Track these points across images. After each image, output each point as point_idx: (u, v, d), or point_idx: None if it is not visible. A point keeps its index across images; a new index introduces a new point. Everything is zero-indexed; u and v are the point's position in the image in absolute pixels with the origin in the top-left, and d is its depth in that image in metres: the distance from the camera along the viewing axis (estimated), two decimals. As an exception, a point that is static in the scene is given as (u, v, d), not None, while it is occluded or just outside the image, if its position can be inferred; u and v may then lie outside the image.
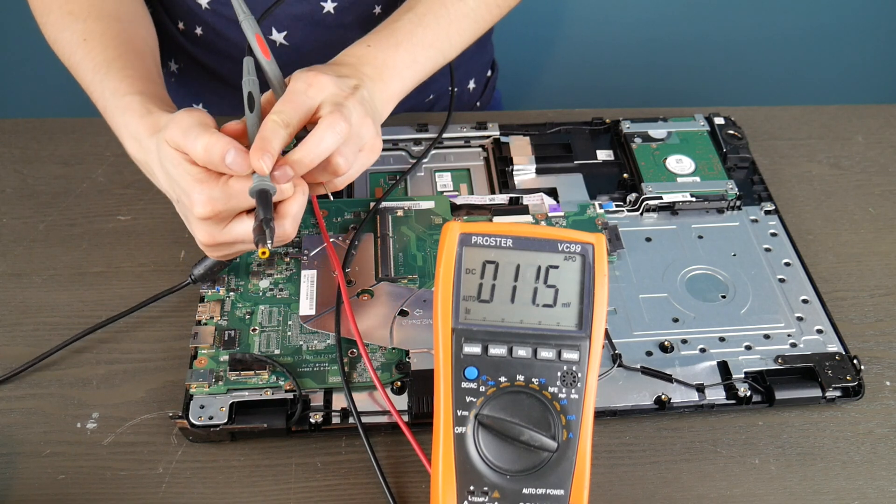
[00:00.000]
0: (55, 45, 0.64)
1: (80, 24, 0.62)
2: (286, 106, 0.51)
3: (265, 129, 0.50)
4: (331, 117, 0.51)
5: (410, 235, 0.63)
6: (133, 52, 0.61)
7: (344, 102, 0.52)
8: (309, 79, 0.53)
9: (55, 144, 0.74)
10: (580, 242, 0.47)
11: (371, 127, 0.54)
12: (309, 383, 0.54)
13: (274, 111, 0.51)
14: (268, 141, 0.49)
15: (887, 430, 0.55)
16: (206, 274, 0.59)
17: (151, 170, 0.55)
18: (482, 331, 0.46)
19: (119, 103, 0.57)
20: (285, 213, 0.52)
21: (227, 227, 0.52)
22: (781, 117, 0.79)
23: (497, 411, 0.45)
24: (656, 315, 0.60)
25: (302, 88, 0.52)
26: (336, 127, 0.51)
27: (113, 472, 0.52)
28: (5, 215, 0.68)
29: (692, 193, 0.67)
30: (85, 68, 0.60)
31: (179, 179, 0.50)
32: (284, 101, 0.52)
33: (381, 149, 0.56)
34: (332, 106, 0.52)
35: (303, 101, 0.52)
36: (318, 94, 0.52)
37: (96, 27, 0.62)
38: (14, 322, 0.60)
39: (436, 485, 0.45)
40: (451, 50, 0.65)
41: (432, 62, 0.63)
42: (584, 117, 0.75)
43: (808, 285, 0.62)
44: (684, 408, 0.55)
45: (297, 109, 0.51)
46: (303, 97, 0.52)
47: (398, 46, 0.60)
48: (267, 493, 0.51)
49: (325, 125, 0.51)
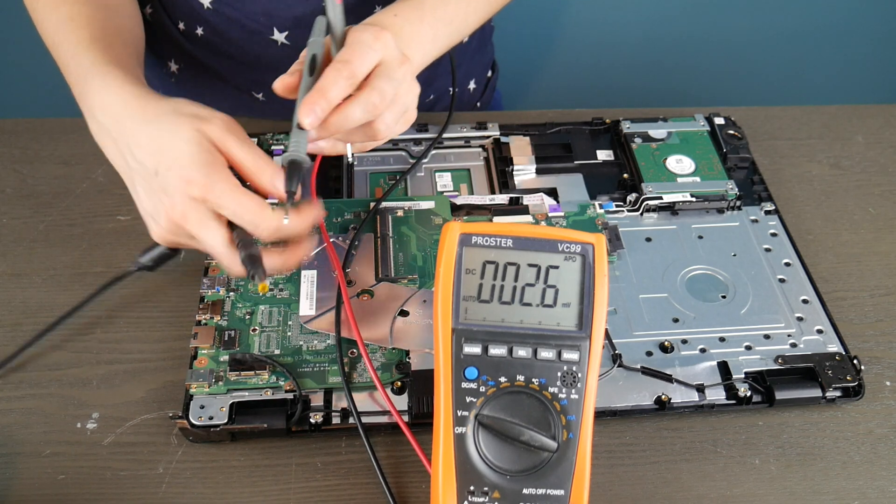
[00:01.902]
0: (42, 26, 0.62)
1: (67, 7, 0.61)
2: (353, 55, 0.49)
3: (327, 77, 0.47)
4: (385, 83, 0.49)
5: (410, 235, 0.63)
6: (118, 39, 0.61)
7: (398, 68, 0.51)
8: (375, 32, 0.51)
9: (55, 144, 0.74)
10: (580, 242, 0.47)
11: (416, 95, 0.53)
12: (309, 383, 0.54)
13: (339, 60, 0.49)
14: (325, 92, 0.47)
15: (887, 430, 0.55)
16: (153, 263, 0.56)
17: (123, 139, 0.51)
18: (482, 331, 0.46)
19: (99, 70, 0.55)
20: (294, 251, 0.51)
21: None
22: (781, 117, 0.79)
23: (497, 411, 0.45)
24: (656, 315, 0.60)
25: (368, 41, 0.50)
26: (387, 95, 0.49)
27: (113, 472, 0.52)
28: (5, 215, 0.68)
29: (692, 193, 0.67)
30: (67, 43, 0.58)
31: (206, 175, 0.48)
32: (351, 50, 0.49)
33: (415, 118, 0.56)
34: (387, 69, 0.50)
35: (368, 54, 0.50)
36: (381, 50, 0.51)
37: (84, 10, 0.61)
38: (14, 322, 0.60)
39: (436, 485, 0.45)
40: (466, 29, 0.65)
41: (449, 40, 0.63)
42: (584, 117, 0.75)
43: (808, 285, 0.62)
44: (684, 408, 0.55)
45: (363, 61, 0.49)
46: (368, 50, 0.50)
47: (423, 20, 0.59)
48: (267, 494, 0.51)
49: (377, 91, 0.49)
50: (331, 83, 0.48)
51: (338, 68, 0.48)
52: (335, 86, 0.48)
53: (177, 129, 0.49)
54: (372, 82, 0.50)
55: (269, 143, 0.71)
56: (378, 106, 0.51)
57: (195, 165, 0.48)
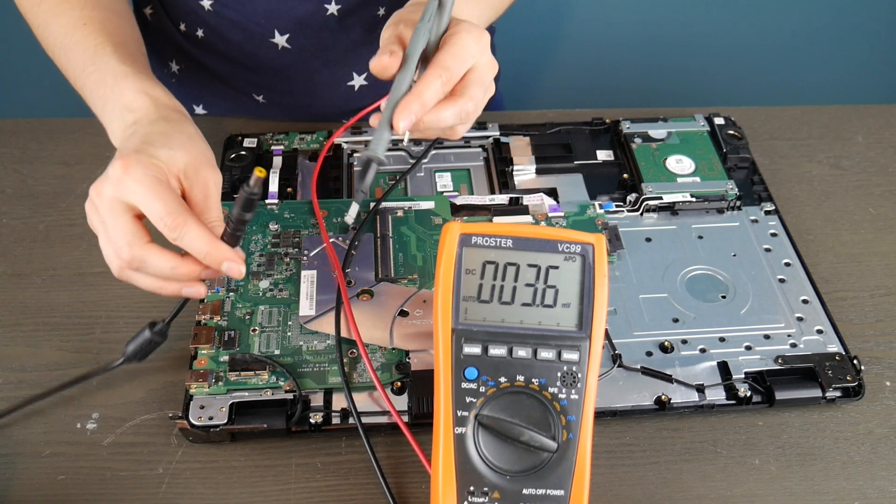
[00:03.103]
0: (46, 29, 0.62)
1: (77, 11, 0.61)
2: (453, 61, 0.49)
3: (426, 82, 0.47)
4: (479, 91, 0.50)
5: (410, 235, 0.63)
6: (135, 45, 0.61)
7: (489, 73, 0.51)
8: (477, 35, 0.50)
9: (55, 144, 0.74)
10: (580, 243, 0.47)
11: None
12: (309, 383, 0.54)
13: (440, 65, 0.48)
14: (422, 97, 0.47)
15: (887, 430, 0.55)
16: (138, 351, 0.52)
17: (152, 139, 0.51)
18: (482, 331, 0.46)
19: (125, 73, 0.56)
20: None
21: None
22: (781, 117, 0.79)
23: (497, 412, 0.45)
24: (656, 315, 0.60)
25: (470, 45, 0.50)
26: (480, 104, 0.50)
27: (113, 472, 0.52)
28: (5, 215, 0.68)
29: (692, 193, 0.67)
30: (84, 47, 0.58)
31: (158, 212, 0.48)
32: (452, 54, 0.49)
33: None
34: (481, 76, 0.50)
35: (468, 60, 0.50)
36: (479, 55, 0.50)
37: (95, 15, 0.61)
38: (14, 322, 0.60)
39: (436, 485, 0.45)
40: (500, 11, 0.65)
41: (486, 24, 0.63)
42: (584, 117, 0.75)
43: (808, 285, 0.62)
44: (684, 408, 0.55)
45: (462, 67, 0.49)
46: (468, 56, 0.50)
47: (477, 3, 0.59)
48: (267, 494, 0.51)
49: (473, 100, 0.49)
50: (428, 89, 0.48)
51: (438, 73, 0.48)
52: (432, 92, 0.48)
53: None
54: (467, 89, 0.50)
55: (269, 143, 0.71)
56: (471, 114, 0.51)
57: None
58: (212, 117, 0.80)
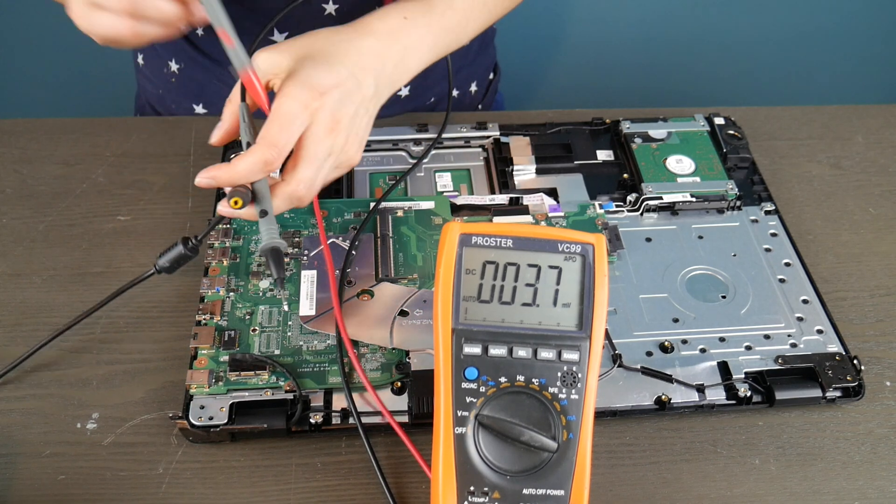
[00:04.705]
0: None
1: None
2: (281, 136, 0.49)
3: (246, 157, 0.48)
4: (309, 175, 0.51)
5: (410, 235, 0.63)
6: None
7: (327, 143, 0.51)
8: (306, 100, 0.50)
9: (55, 144, 0.74)
10: (580, 243, 0.47)
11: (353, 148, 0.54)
12: (309, 384, 0.54)
13: (266, 142, 0.49)
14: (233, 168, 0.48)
15: (887, 430, 0.55)
16: (170, 264, 0.56)
17: None
18: (482, 331, 0.46)
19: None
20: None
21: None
22: (781, 117, 0.79)
23: (497, 412, 0.45)
24: (656, 315, 0.60)
25: (296, 112, 0.50)
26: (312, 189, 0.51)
27: (113, 472, 0.52)
28: (5, 215, 0.68)
29: (692, 193, 0.67)
30: None
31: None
32: (279, 127, 0.49)
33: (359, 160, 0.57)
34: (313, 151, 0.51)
35: (294, 129, 0.50)
36: (309, 120, 0.51)
37: None
38: (14, 322, 0.60)
39: (436, 485, 0.45)
40: (464, 38, 0.65)
41: (447, 49, 0.63)
42: (584, 117, 0.75)
43: (808, 285, 0.62)
44: (684, 408, 0.55)
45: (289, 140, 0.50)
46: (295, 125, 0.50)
47: (430, 27, 0.59)
48: (267, 494, 0.51)
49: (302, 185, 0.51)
50: (241, 162, 0.49)
51: (261, 151, 0.49)
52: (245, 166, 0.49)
53: None
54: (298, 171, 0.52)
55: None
56: (304, 198, 0.52)
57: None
58: (212, 117, 0.80)
